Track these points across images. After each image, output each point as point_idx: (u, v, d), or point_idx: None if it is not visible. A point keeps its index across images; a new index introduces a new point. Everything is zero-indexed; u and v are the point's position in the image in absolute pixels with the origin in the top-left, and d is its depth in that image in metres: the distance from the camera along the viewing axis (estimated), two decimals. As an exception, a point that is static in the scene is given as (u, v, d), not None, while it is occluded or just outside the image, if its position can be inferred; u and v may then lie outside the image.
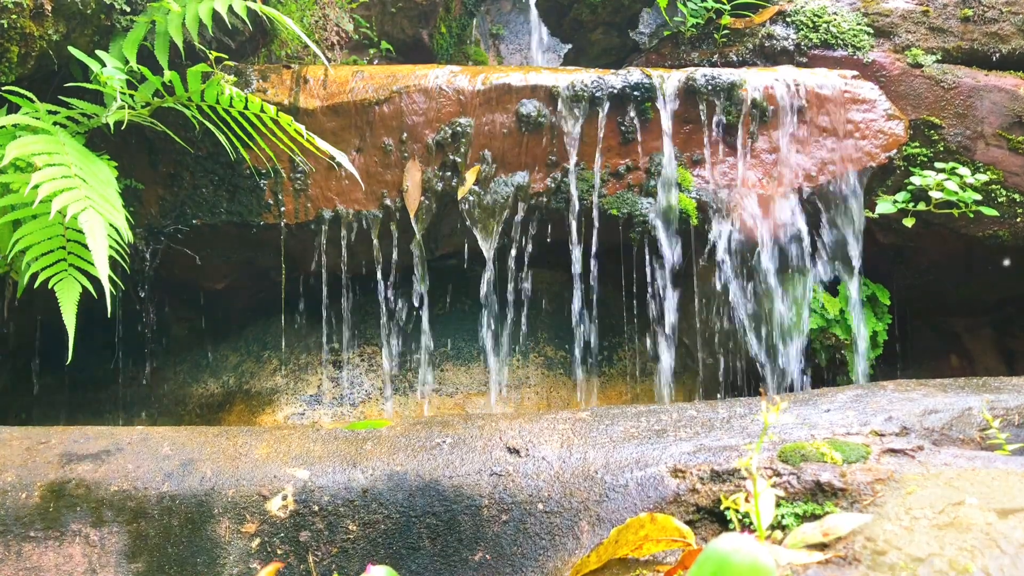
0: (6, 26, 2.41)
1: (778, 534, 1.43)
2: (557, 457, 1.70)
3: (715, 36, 3.63)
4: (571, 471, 1.66)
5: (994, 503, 1.40)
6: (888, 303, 3.42)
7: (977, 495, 1.43)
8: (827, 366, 3.33)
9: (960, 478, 1.53)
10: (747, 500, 1.23)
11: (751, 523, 1.30)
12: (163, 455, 1.71)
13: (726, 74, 2.93)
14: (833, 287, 3.26)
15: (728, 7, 3.61)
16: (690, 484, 1.60)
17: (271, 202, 2.88)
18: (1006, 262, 3.38)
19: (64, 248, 2.29)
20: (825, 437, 1.73)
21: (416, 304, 3.03)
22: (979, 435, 1.84)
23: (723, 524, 1.53)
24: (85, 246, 2.21)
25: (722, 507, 1.39)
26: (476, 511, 1.62)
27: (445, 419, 1.91)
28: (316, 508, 1.64)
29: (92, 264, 2.19)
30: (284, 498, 1.64)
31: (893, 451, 1.68)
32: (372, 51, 4.64)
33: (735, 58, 3.56)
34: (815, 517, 1.49)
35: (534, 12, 4.71)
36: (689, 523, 1.55)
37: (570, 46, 4.42)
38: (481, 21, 5.26)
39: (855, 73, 3.12)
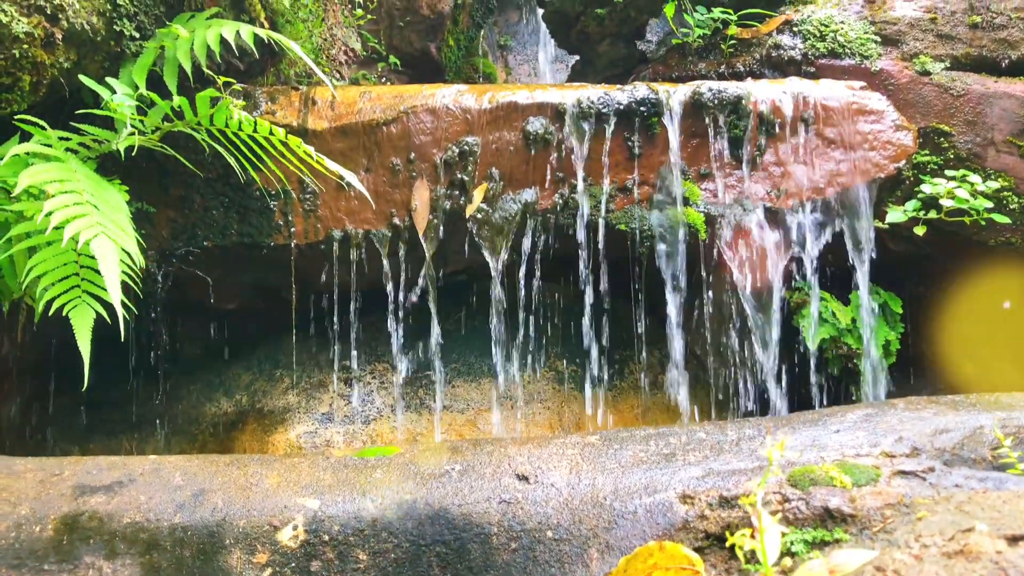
0: (17, 56, 2.43)
1: (787, 561, 1.43)
2: (566, 483, 1.70)
3: (722, 46, 3.62)
4: (580, 498, 1.67)
5: (1004, 529, 1.39)
6: (900, 311, 3.40)
7: (987, 520, 1.43)
8: (840, 376, 3.32)
9: (970, 502, 1.52)
10: (752, 536, 1.24)
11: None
12: (175, 485, 1.73)
13: (732, 88, 2.92)
14: (844, 297, 3.25)
15: (734, 17, 3.60)
16: (699, 510, 1.60)
17: (281, 223, 2.90)
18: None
19: (77, 274, 2.32)
20: (835, 459, 1.72)
21: (425, 321, 3.05)
22: (991, 454, 1.83)
23: (732, 551, 1.53)
24: (98, 272, 2.23)
25: (727, 544, 1.39)
26: (486, 539, 1.63)
27: (454, 445, 1.91)
28: (326, 538, 1.65)
29: (105, 289, 2.21)
30: (295, 528, 1.66)
31: (904, 473, 1.68)
32: (381, 65, 4.66)
33: (742, 68, 3.55)
34: (824, 543, 1.48)
35: (542, 24, 4.72)
36: (698, 550, 1.54)
37: (577, 57, 4.43)
38: (489, 33, 5.27)
39: (863, 84, 3.11)
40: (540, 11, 4.36)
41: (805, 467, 1.68)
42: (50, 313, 2.24)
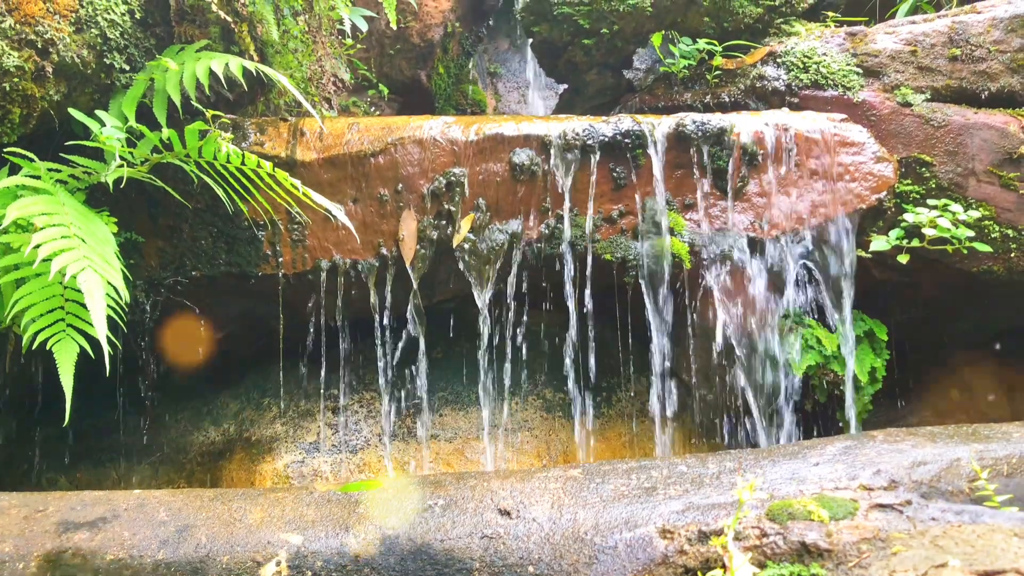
0: (8, 89, 2.46)
1: (765, 597, 1.45)
2: (548, 518, 1.71)
3: (707, 77, 3.67)
4: (561, 533, 1.68)
5: (976, 564, 1.41)
6: (886, 338, 3.43)
7: (960, 555, 1.45)
8: (826, 402, 3.34)
9: (945, 536, 1.54)
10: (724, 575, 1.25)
11: (734, 592, 1.31)
12: (159, 521, 1.74)
13: (715, 120, 2.96)
14: (830, 324, 3.28)
15: (719, 48, 3.66)
16: (678, 545, 1.62)
17: (269, 253, 2.92)
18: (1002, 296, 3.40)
19: (63, 308, 2.33)
20: (813, 493, 1.74)
21: (413, 350, 3.06)
22: (968, 487, 1.85)
23: (711, 586, 1.54)
24: (83, 305, 2.25)
25: (700, 584, 1.41)
26: (467, 574, 1.64)
27: (437, 479, 1.93)
28: (309, 574, 1.66)
29: (90, 323, 2.23)
30: (278, 564, 1.66)
31: (881, 506, 1.70)
32: (371, 92, 4.71)
33: (727, 98, 3.60)
34: (801, 579, 1.50)
35: (530, 52, 4.78)
36: (677, 585, 1.56)
37: (566, 85, 4.48)
38: (479, 60, 5.33)
39: (843, 116, 3.15)
40: (529, 40, 4.41)
41: (784, 501, 1.69)
42: (34, 346, 2.25)
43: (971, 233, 3.14)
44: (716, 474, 1.86)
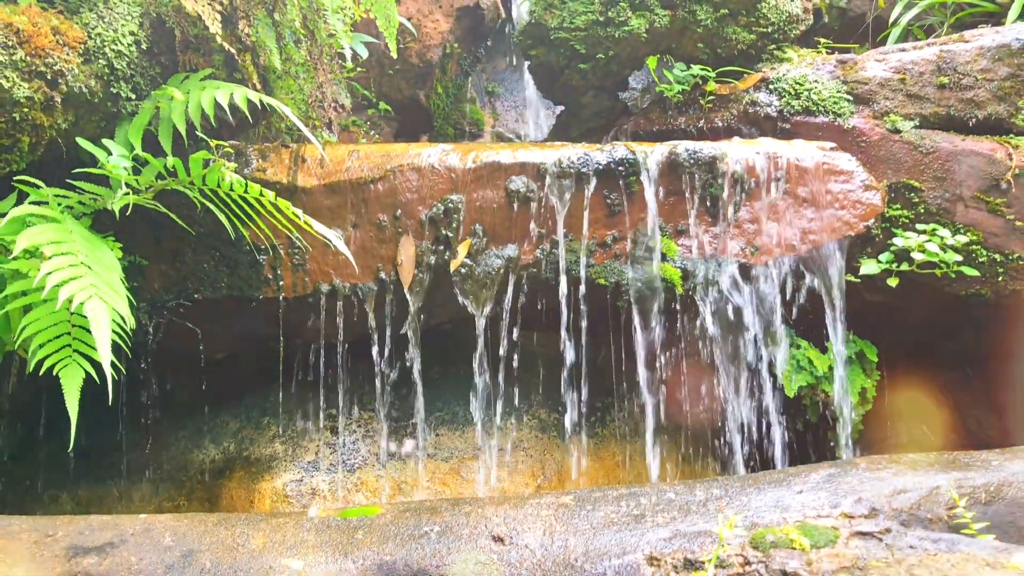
0: (17, 119, 2.53)
1: (747, 624, 1.50)
2: (539, 545, 1.77)
3: (701, 102, 3.74)
4: (552, 559, 1.74)
5: (950, 595, 1.47)
6: (876, 359, 3.49)
7: (936, 585, 1.51)
8: (817, 423, 3.40)
9: (921, 565, 1.60)
10: (705, 610, 1.31)
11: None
12: (165, 546, 1.80)
13: (708, 148, 3.03)
14: (822, 345, 3.34)
15: (713, 74, 3.73)
16: (664, 573, 1.68)
17: (270, 277, 2.98)
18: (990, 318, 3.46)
19: (69, 334, 2.39)
20: (796, 521, 1.80)
21: (410, 371, 3.12)
22: (947, 514, 1.91)
23: (696, 613, 1.60)
24: (89, 331, 2.31)
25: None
26: (461, 600, 1.70)
27: (433, 505, 1.99)
28: (309, 599, 1.72)
29: (95, 349, 2.28)
30: (278, 589, 1.72)
31: (861, 534, 1.76)
32: (371, 111, 4.79)
33: (720, 123, 3.67)
34: (783, 607, 1.56)
35: (528, 74, 4.85)
36: (664, 611, 1.62)
37: (562, 107, 4.55)
38: (477, 80, 5.41)
39: (833, 145, 3.22)
40: (526, 63, 4.48)
41: (767, 528, 1.75)
42: (41, 371, 2.31)
43: (959, 257, 3.21)
44: (703, 501, 1.92)
